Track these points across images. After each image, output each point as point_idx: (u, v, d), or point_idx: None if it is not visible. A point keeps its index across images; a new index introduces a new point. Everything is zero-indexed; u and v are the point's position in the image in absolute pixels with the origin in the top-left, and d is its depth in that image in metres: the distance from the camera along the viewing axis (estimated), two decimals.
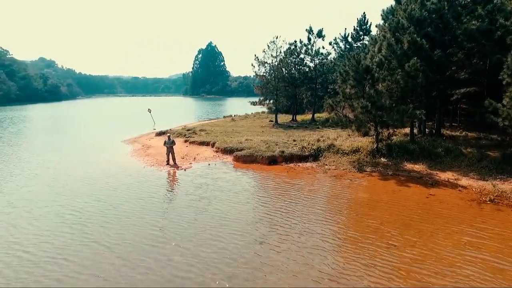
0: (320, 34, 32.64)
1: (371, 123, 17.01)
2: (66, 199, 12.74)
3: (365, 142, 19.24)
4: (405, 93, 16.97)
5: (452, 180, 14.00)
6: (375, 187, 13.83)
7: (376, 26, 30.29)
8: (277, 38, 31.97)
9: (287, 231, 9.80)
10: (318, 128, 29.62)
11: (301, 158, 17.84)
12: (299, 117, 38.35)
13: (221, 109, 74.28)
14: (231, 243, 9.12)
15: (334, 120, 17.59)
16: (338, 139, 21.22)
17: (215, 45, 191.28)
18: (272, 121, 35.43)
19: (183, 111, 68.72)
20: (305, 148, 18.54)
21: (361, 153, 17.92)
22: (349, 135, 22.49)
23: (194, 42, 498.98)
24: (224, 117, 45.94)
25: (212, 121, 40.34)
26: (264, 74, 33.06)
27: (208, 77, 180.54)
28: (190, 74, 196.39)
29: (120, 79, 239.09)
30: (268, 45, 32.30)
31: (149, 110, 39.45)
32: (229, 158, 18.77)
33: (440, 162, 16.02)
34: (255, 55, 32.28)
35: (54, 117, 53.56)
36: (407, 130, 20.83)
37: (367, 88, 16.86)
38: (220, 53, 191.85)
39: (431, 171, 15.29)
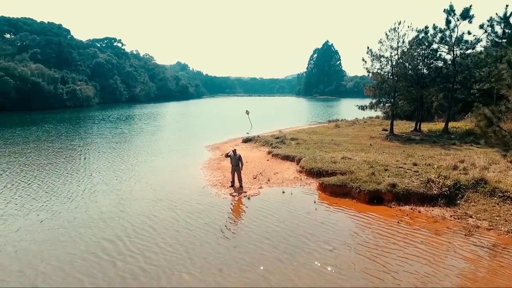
0: (465, 15, 23.55)
1: None
2: (117, 219, 10.90)
3: None
4: None
5: None
6: None
7: None
8: (400, 24, 24.69)
9: None
10: (453, 144, 21.24)
11: (424, 199, 11.43)
12: (424, 126, 29.58)
13: (330, 112, 68.22)
14: None
15: (490, 140, 10.52)
16: (492, 169, 13.53)
17: (332, 44, 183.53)
18: (386, 130, 28.14)
19: (289, 112, 65.77)
20: (433, 182, 11.92)
21: None
22: (511, 162, 14.30)
23: (312, 42, 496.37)
24: (329, 121, 40.25)
25: (312, 126, 35.32)
26: (379, 71, 26.12)
27: (322, 77, 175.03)
28: (304, 74, 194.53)
29: (240, 80, 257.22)
30: (386, 34, 25.22)
31: (247, 112, 37.56)
32: (314, 184, 13.86)
33: None
34: (367, 48, 25.73)
35: (172, 116, 58.37)
36: None
37: None
38: (336, 52, 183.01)
39: None
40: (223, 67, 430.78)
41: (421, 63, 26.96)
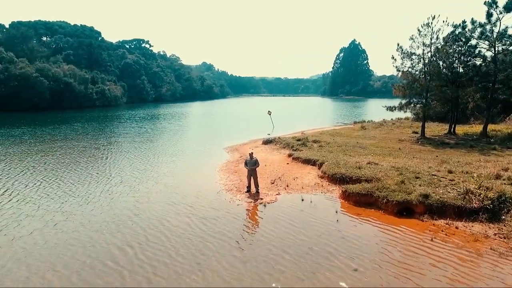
0: (510, 6, 21.47)
1: None
2: (130, 224, 10.60)
3: None
4: None
5: None
6: None
7: None
8: (433, 18, 22.97)
9: None
10: (494, 149, 19.40)
11: (463, 212, 10.18)
12: (459, 129, 27.55)
13: (356, 112, 66.06)
14: None
15: None
16: None
17: (359, 43, 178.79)
18: (416, 132, 26.45)
19: (313, 113, 64.32)
20: (472, 193, 10.63)
21: None
22: None
23: (338, 41, 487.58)
24: (354, 123, 38.68)
25: (336, 128, 33.98)
26: (410, 69, 24.49)
27: (348, 76, 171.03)
28: (330, 74, 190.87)
29: (264, 80, 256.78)
30: (418, 30, 23.58)
31: (269, 113, 36.86)
32: (336, 191, 12.89)
33: None
34: (397, 45, 24.19)
35: (196, 116, 58.81)
36: None
37: None
38: (363, 51, 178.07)
39: None
40: (247, 67, 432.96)
41: (457, 61, 25.08)
